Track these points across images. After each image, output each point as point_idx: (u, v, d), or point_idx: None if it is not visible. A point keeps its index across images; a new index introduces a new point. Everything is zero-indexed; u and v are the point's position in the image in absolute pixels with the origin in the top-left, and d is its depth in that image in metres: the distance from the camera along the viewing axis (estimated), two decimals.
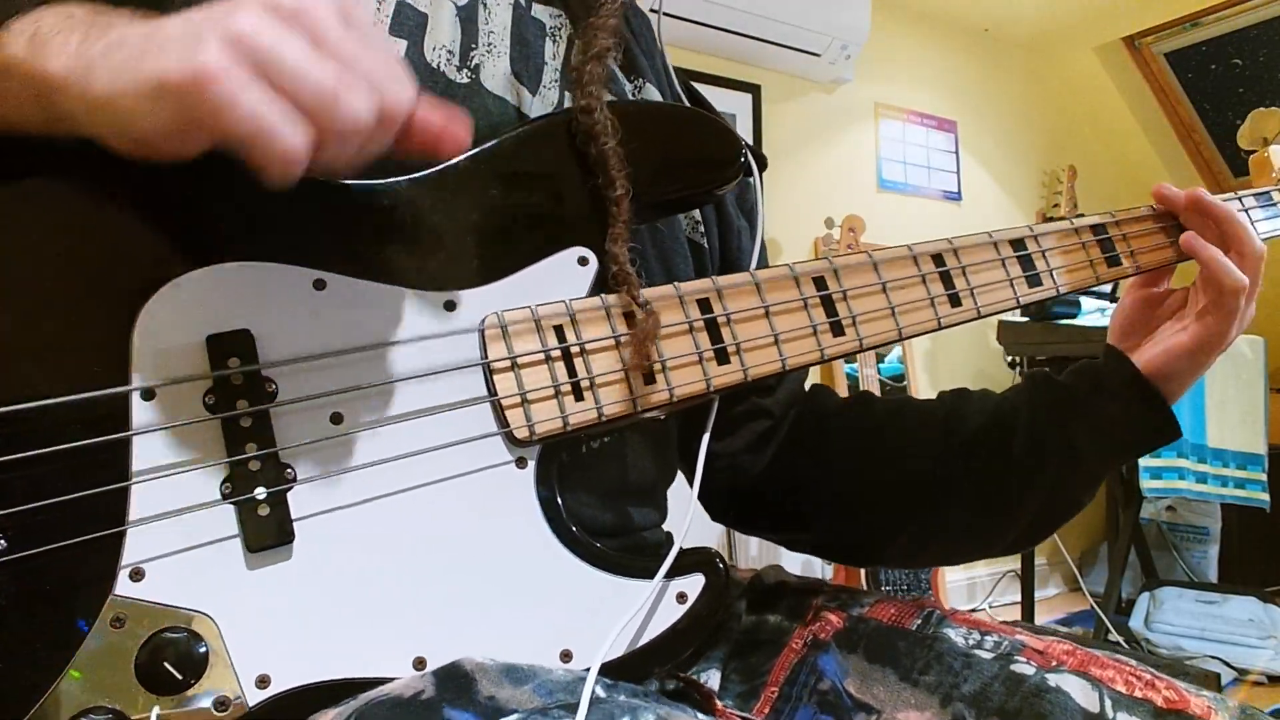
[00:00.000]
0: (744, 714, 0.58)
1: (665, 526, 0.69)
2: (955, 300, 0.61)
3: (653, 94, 0.68)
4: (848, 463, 0.71)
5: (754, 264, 0.70)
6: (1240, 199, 0.74)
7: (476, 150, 0.53)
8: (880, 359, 2.82)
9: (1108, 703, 0.51)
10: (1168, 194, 0.70)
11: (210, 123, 0.38)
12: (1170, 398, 0.66)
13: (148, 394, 0.43)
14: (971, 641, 0.57)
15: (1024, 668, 0.54)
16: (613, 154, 0.54)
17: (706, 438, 0.57)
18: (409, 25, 0.56)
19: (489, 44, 0.59)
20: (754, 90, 2.78)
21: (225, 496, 0.43)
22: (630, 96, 0.67)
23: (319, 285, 0.48)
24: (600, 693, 0.43)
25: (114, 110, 0.39)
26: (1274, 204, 0.76)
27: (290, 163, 0.39)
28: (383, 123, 0.41)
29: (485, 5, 0.60)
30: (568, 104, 0.61)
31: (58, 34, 0.41)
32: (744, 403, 0.73)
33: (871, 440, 0.71)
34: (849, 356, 0.61)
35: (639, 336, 0.53)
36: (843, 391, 0.75)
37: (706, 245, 0.70)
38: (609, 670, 0.48)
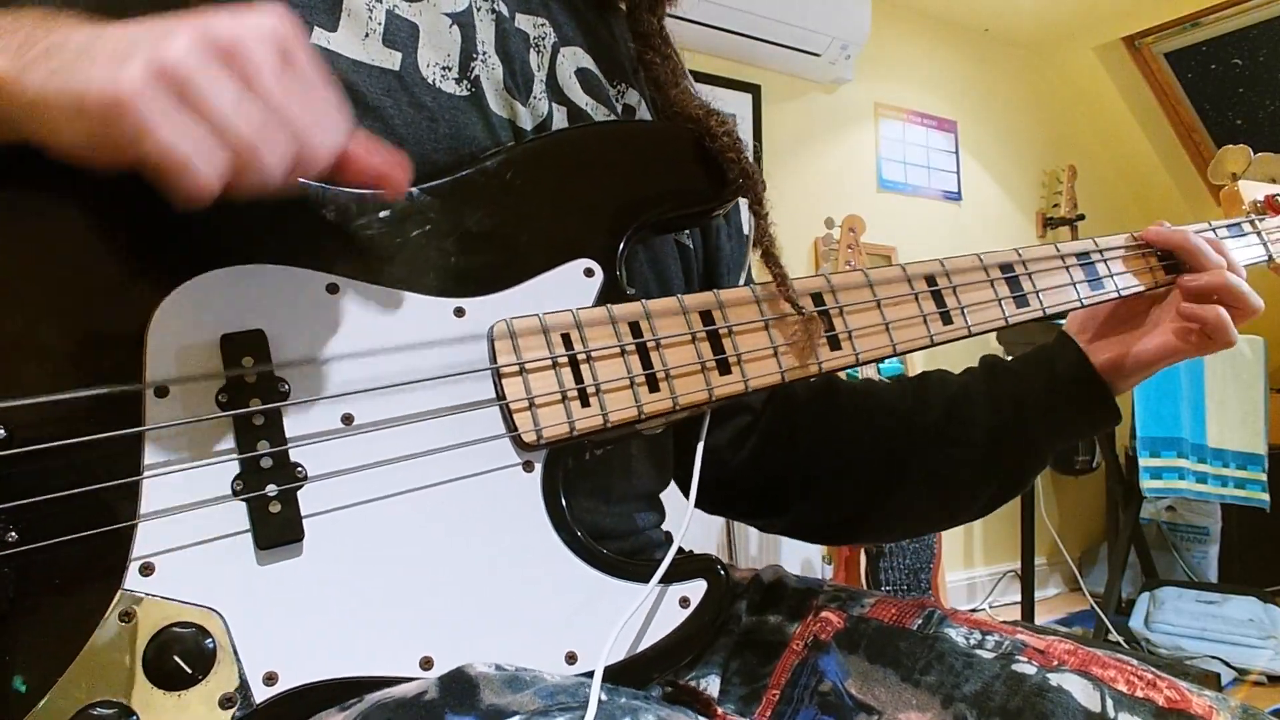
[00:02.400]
0: (745, 718, 0.58)
1: (664, 527, 0.70)
2: (947, 318, 0.63)
3: (634, 98, 0.69)
4: (815, 451, 0.74)
5: (743, 276, 0.73)
6: (1214, 229, 0.78)
7: (484, 163, 0.54)
8: (880, 359, 2.82)
9: (1109, 702, 0.51)
10: (1159, 234, 0.72)
11: (125, 144, 0.38)
12: (1116, 391, 0.71)
13: (161, 391, 0.43)
14: (972, 641, 0.58)
15: (1025, 667, 0.54)
16: (752, 168, 0.59)
17: (700, 446, 0.58)
18: (401, 36, 0.55)
19: (484, 54, 0.59)
20: (754, 90, 2.78)
21: (236, 493, 0.44)
22: (614, 102, 0.67)
23: (332, 289, 0.48)
24: (601, 696, 0.44)
25: (42, 116, 0.39)
26: (1245, 234, 0.79)
27: (199, 193, 0.38)
28: (302, 168, 0.41)
29: (474, 14, 0.60)
30: (556, 115, 0.62)
31: (3, 35, 0.41)
32: None
33: (837, 431, 0.74)
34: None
35: (803, 335, 0.57)
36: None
37: (691, 245, 0.71)
38: (611, 675, 0.48)
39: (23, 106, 0.39)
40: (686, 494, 0.73)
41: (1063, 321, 0.74)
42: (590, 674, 0.48)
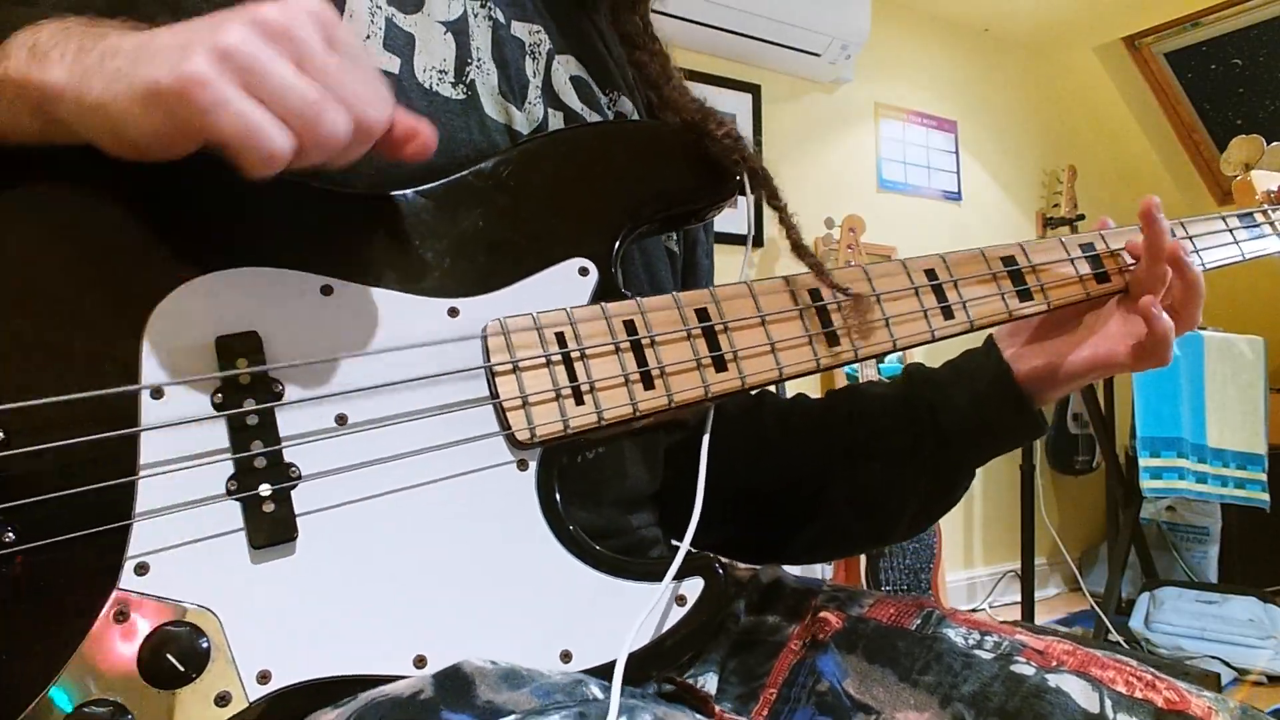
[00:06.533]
0: (742, 717, 0.59)
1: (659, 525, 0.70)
2: (948, 313, 0.62)
3: (626, 106, 0.69)
4: (741, 473, 0.72)
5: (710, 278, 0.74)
6: (1224, 219, 0.76)
7: (480, 165, 0.55)
8: (880, 359, 2.82)
9: (1108, 703, 0.51)
10: (1156, 219, 0.65)
11: (198, 126, 0.40)
12: (1040, 401, 0.67)
13: (157, 393, 0.44)
14: (971, 641, 0.58)
15: (1024, 668, 0.54)
16: (760, 167, 0.60)
17: (706, 439, 0.58)
18: (399, 43, 0.56)
19: (479, 60, 0.60)
20: (754, 90, 2.78)
21: (230, 493, 0.44)
22: (607, 110, 0.67)
23: (326, 290, 0.48)
24: (597, 693, 0.44)
25: (107, 115, 0.41)
26: (1257, 225, 0.78)
27: (273, 163, 0.41)
28: (358, 136, 0.44)
29: (470, 22, 0.60)
30: (553, 120, 0.63)
31: (55, 46, 0.43)
32: None
33: (759, 445, 0.73)
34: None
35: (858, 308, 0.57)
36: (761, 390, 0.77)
37: (679, 252, 0.72)
38: (607, 673, 0.48)
39: (86, 110, 0.41)
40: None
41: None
42: (586, 672, 0.48)
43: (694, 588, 0.52)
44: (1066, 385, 0.67)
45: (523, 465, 0.51)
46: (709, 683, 0.62)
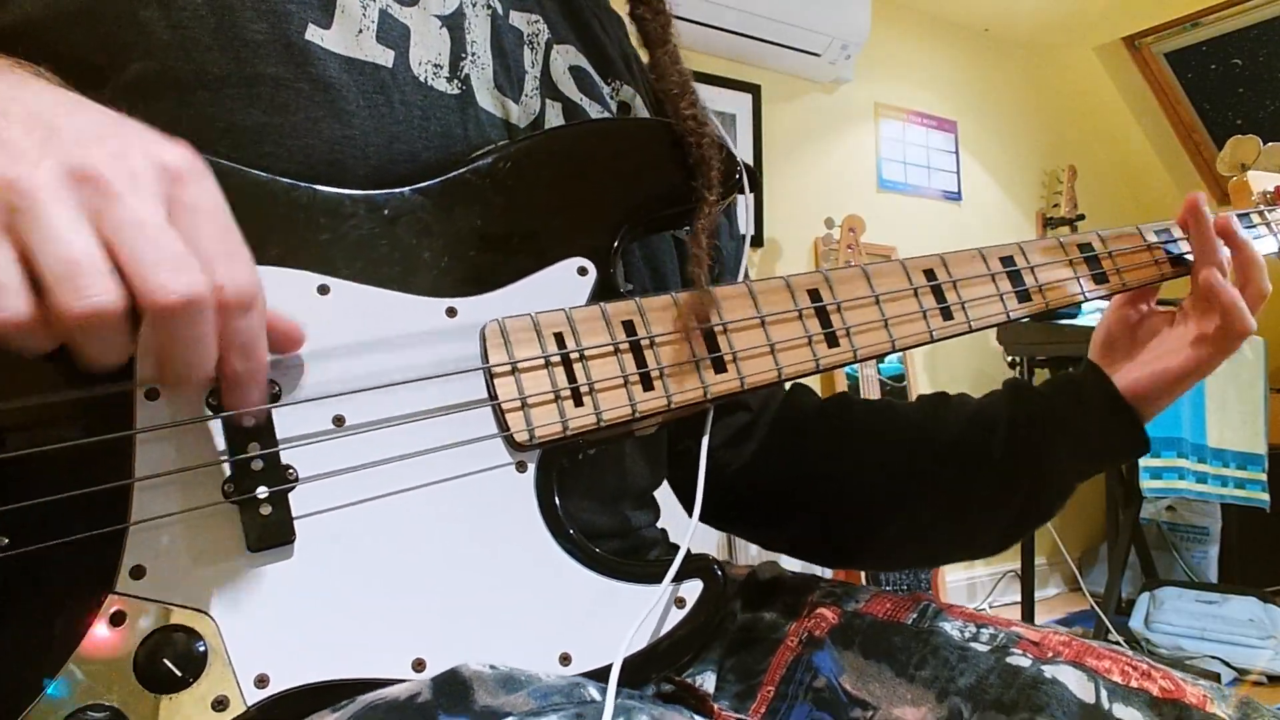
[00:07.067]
0: (740, 715, 0.58)
1: (659, 525, 0.69)
2: (947, 314, 0.62)
3: (629, 95, 0.69)
4: (825, 466, 0.72)
5: (740, 277, 0.72)
6: None
7: (476, 163, 0.54)
8: (880, 359, 2.82)
9: (1104, 693, 0.51)
10: (1199, 209, 0.69)
11: None
12: (1144, 417, 0.69)
13: (151, 393, 0.43)
14: (967, 634, 0.58)
15: (1020, 660, 0.54)
16: (716, 161, 0.58)
17: (705, 441, 0.58)
18: (394, 35, 0.55)
19: (474, 54, 0.59)
20: (754, 90, 2.78)
21: (227, 495, 0.44)
22: (609, 100, 0.67)
23: (323, 290, 0.48)
24: (595, 695, 0.43)
25: None
26: (1254, 225, 0.78)
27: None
28: (157, 315, 0.36)
29: (466, 14, 0.59)
30: (550, 111, 0.62)
31: None
32: None
33: (848, 444, 0.72)
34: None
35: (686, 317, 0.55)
36: (842, 390, 0.76)
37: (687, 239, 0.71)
38: (605, 676, 0.48)
39: None
40: (680, 498, 0.73)
41: (1066, 323, 0.73)
42: (586, 674, 0.48)
43: (693, 590, 0.52)
44: (1165, 396, 0.68)
45: (521, 467, 0.51)
46: (707, 681, 0.62)
